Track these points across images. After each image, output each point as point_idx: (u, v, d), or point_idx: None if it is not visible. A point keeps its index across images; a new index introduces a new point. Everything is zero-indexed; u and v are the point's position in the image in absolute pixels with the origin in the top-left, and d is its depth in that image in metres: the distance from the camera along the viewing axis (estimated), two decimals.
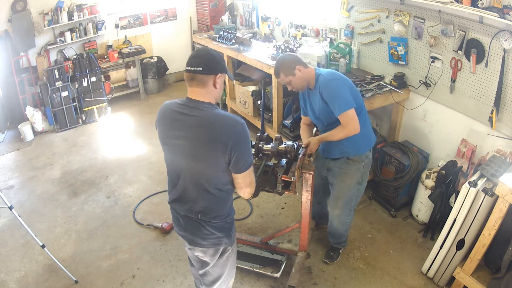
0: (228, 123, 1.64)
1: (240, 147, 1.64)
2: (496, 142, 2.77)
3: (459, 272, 2.51)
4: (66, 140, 5.00)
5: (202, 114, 1.65)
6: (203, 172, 1.71)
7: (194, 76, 1.65)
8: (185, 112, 1.67)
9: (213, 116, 1.65)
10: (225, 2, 6.00)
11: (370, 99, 3.13)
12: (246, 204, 3.59)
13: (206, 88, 1.67)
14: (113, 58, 5.64)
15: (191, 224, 1.82)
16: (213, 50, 1.73)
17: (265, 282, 2.77)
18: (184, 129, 1.68)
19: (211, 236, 1.82)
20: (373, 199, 3.58)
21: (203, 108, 1.66)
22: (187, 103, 1.69)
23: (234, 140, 1.62)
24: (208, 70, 1.65)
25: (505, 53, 2.55)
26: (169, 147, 1.77)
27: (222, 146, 1.62)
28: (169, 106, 1.75)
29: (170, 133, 1.73)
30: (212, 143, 1.63)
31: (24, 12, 4.94)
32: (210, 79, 1.66)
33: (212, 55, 1.70)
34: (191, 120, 1.66)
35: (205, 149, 1.65)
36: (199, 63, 1.64)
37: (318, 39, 4.24)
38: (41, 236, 3.11)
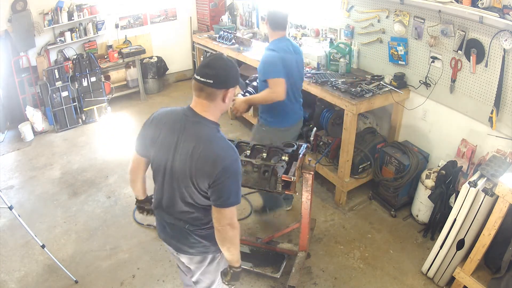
0: (222, 154, 1.55)
1: (226, 181, 1.55)
2: (496, 142, 2.77)
3: (459, 272, 2.51)
4: (66, 140, 4.99)
5: (203, 134, 1.58)
6: (190, 192, 1.64)
7: (203, 88, 1.55)
8: (186, 126, 1.60)
9: (211, 141, 1.57)
10: (225, 2, 5.99)
11: (370, 99, 3.13)
12: (246, 204, 3.59)
13: (214, 102, 1.58)
14: (113, 58, 5.64)
15: (178, 232, 1.77)
16: (228, 59, 1.62)
17: (265, 282, 2.77)
18: (180, 141, 1.60)
19: (198, 244, 1.78)
20: (373, 199, 3.58)
21: (206, 127, 1.59)
22: (190, 116, 1.61)
23: (221, 172, 1.53)
24: (219, 84, 1.55)
25: (505, 53, 2.55)
26: (159, 153, 1.67)
27: (209, 175, 1.54)
28: (168, 114, 1.68)
29: (164, 140, 1.64)
30: (202, 169, 1.55)
31: (24, 12, 4.94)
32: (220, 93, 1.57)
33: (226, 66, 1.57)
34: (190, 136, 1.58)
35: (192, 169, 1.57)
36: (211, 75, 1.53)
37: (318, 39, 4.24)
38: (41, 236, 3.11)
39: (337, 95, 3.19)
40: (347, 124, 3.15)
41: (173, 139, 1.61)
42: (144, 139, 1.73)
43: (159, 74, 6.25)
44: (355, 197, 3.63)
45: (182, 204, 1.69)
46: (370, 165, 3.50)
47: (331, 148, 3.61)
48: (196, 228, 1.74)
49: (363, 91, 3.18)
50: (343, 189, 3.43)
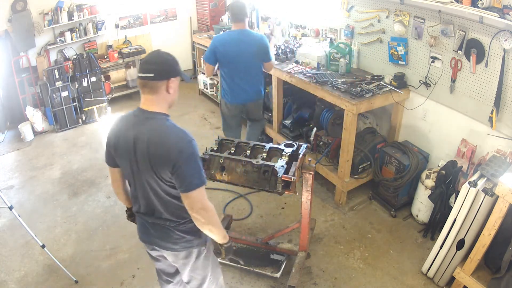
0: (174, 140, 1.60)
1: (184, 165, 1.59)
2: (496, 142, 2.77)
3: (459, 272, 2.51)
4: (66, 140, 5.00)
5: (154, 127, 1.63)
6: (158, 185, 1.69)
7: (146, 83, 1.62)
8: (137, 125, 1.65)
9: (162, 131, 1.62)
10: (225, 2, 5.99)
11: (370, 99, 3.13)
12: (246, 204, 3.60)
13: (158, 94, 1.64)
14: (113, 58, 5.64)
15: (160, 230, 1.81)
16: (165, 53, 1.70)
17: (265, 282, 2.77)
18: (136, 142, 1.64)
19: (182, 239, 1.81)
20: (373, 199, 3.58)
21: (155, 120, 1.64)
22: (139, 115, 1.67)
23: (177, 158, 1.57)
24: (159, 76, 1.62)
25: (505, 53, 2.55)
26: (122, 159, 1.74)
27: (167, 163, 1.59)
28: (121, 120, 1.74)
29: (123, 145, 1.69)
30: (159, 158, 1.60)
31: (24, 12, 4.94)
32: (162, 84, 1.63)
33: (164, 58, 1.66)
34: (143, 133, 1.62)
35: (152, 162, 1.62)
36: (150, 69, 1.61)
37: (318, 39, 4.24)
38: (41, 236, 3.11)
39: (337, 95, 3.19)
40: (347, 124, 3.15)
41: (130, 141, 1.65)
42: (109, 151, 1.79)
43: None
44: (355, 197, 3.64)
45: (157, 201, 1.74)
46: (370, 165, 3.50)
47: (331, 148, 3.61)
48: (177, 224, 1.78)
49: (363, 91, 3.18)
50: (343, 189, 3.43)
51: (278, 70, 3.87)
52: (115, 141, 1.72)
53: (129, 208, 2.09)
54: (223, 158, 2.44)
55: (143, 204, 1.80)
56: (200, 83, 6.01)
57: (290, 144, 2.54)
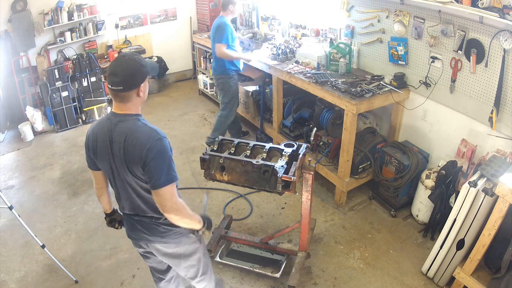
0: (144, 138, 1.63)
1: (152, 162, 1.62)
2: (496, 142, 2.77)
3: (459, 272, 2.51)
4: (66, 140, 5.00)
5: (126, 128, 1.66)
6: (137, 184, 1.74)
7: (117, 94, 1.63)
8: (112, 128, 1.68)
9: (134, 130, 1.66)
10: None
11: (370, 99, 3.13)
12: (246, 204, 3.60)
13: (130, 102, 1.67)
14: (113, 58, 5.63)
15: (147, 226, 1.86)
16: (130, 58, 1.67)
17: (265, 282, 2.77)
18: (112, 144, 1.68)
19: (169, 232, 1.87)
20: (373, 199, 3.58)
21: (128, 121, 1.68)
22: (112, 119, 1.70)
23: (146, 154, 1.61)
24: (129, 87, 1.62)
25: (505, 53, 2.55)
26: (102, 162, 1.78)
27: (138, 160, 1.63)
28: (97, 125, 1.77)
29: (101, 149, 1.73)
30: (132, 157, 1.64)
31: (24, 12, 4.94)
32: (133, 93, 1.65)
33: (130, 67, 1.63)
34: (117, 135, 1.67)
35: (127, 161, 1.66)
36: (119, 82, 1.60)
37: (318, 39, 4.25)
38: (41, 236, 3.11)
39: (337, 95, 3.19)
40: (347, 124, 3.16)
41: (106, 144, 1.70)
42: (88, 155, 1.84)
43: (159, 74, 6.25)
44: (355, 197, 3.64)
45: (138, 199, 1.79)
46: (370, 165, 3.50)
47: (331, 148, 3.61)
48: (161, 218, 1.82)
49: (363, 91, 3.18)
50: (343, 189, 3.43)
51: (278, 70, 3.87)
52: (93, 145, 1.77)
53: (108, 214, 2.14)
54: (223, 158, 2.44)
55: (127, 204, 1.85)
56: (200, 83, 6.01)
57: (290, 144, 2.54)
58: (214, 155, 2.48)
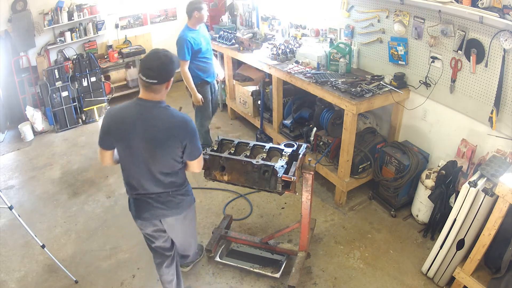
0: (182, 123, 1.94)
1: (191, 141, 1.97)
2: (496, 142, 2.77)
3: (459, 272, 2.51)
4: (66, 140, 5.00)
5: (159, 114, 1.91)
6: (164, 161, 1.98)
7: (150, 86, 1.85)
8: (143, 113, 1.89)
9: (170, 116, 1.93)
10: (225, 2, 5.99)
11: (370, 99, 3.13)
12: (246, 204, 3.60)
13: (160, 93, 1.91)
14: (113, 58, 5.64)
15: (163, 200, 2.10)
16: (164, 55, 1.87)
17: (265, 282, 2.77)
18: (145, 127, 1.88)
19: (182, 202, 2.17)
20: (373, 199, 3.58)
21: (159, 108, 1.91)
22: (143, 104, 1.90)
23: (185, 135, 1.94)
24: (162, 81, 1.86)
25: (505, 53, 2.55)
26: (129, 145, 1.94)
27: (179, 141, 1.93)
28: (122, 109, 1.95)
29: (132, 133, 1.90)
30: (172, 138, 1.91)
31: (24, 12, 4.94)
32: (163, 86, 1.89)
33: (165, 65, 1.85)
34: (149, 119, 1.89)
35: (164, 143, 1.91)
36: (154, 76, 1.82)
37: (318, 39, 4.25)
38: (41, 236, 3.11)
39: (337, 95, 3.19)
40: (347, 124, 3.16)
41: (135, 127, 1.89)
42: (106, 135, 1.98)
43: None
44: (355, 197, 3.64)
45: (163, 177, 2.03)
46: (370, 165, 3.50)
47: (331, 148, 3.61)
48: (176, 190, 2.12)
49: (363, 91, 3.18)
50: (343, 189, 3.43)
51: (278, 70, 3.87)
52: (117, 127, 1.93)
53: None
54: (223, 158, 2.44)
55: (143, 183, 2.04)
56: None
57: (290, 144, 2.54)
58: (214, 155, 2.48)
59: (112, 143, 1.99)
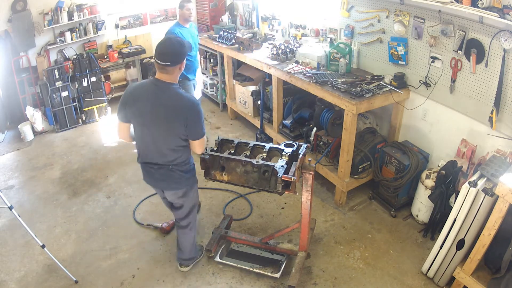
0: (188, 103, 2.17)
1: (194, 121, 2.18)
2: (496, 142, 2.77)
3: (459, 272, 2.51)
4: (66, 140, 5.00)
5: (170, 94, 2.17)
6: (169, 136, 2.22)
7: (164, 68, 2.13)
8: (156, 92, 2.16)
9: (179, 97, 2.18)
10: (225, 2, 6.00)
11: (370, 99, 3.13)
12: (246, 204, 3.60)
13: (173, 74, 2.19)
14: (113, 58, 5.64)
15: (165, 173, 2.35)
16: (176, 41, 2.19)
17: (265, 282, 2.77)
18: (159, 109, 2.15)
19: (182, 178, 2.38)
20: (373, 199, 3.58)
21: (171, 89, 2.17)
22: (158, 84, 2.17)
23: (190, 115, 2.16)
24: (175, 63, 2.14)
25: (505, 53, 2.55)
26: (145, 123, 2.22)
27: (183, 120, 2.15)
28: (139, 87, 2.24)
29: (147, 111, 2.17)
30: (177, 117, 2.15)
31: (24, 12, 4.94)
32: (176, 67, 2.17)
33: (177, 49, 2.15)
34: (161, 98, 2.15)
35: (172, 122, 2.17)
36: (167, 59, 2.11)
37: (318, 39, 4.25)
38: (41, 236, 3.11)
39: (337, 95, 3.19)
40: (347, 124, 3.16)
41: (149, 104, 2.16)
42: (123, 109, 2.26)
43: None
44: (355, 197, 3.64)
45: (163, 151, 2.27)
46: (370, 165, 3.50)
47: (331, 148, 3.61)
48: (178, 166, 2.34)
49: (363, 91, 3.18)
50: (343, 189, 3.43)
51: (278, 70, 3.87)
52: (133, 103, 2.21)
53: None
54: (223, 158, 2.44)
55: (150, 155, 2.33)
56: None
57: (290, 144, 2.54)
58: (214, 155, 2.48)
59: (127, 117, 2.26)
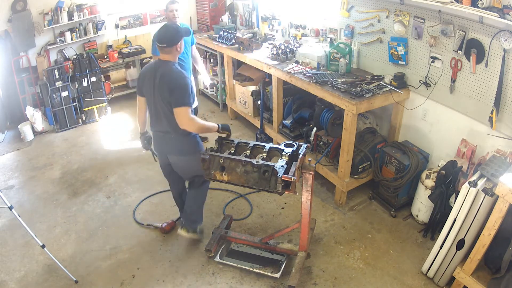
0: (175, 76, 2.51)
1: (176, 91, 2.45)
2: (496, 142, 2.77)
3: (459, 272, 2.51)
4: (66, 140, 5.00)
5: (166, 70, 2.53)
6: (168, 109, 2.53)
7: (162, 49, 2.53)
8: (158, 69, 2.54)
9: (170, 71, 2.52)
10: (225, 2, 5.99)
11: (370, 99, 3.13)
12: (246, 204, 3.60)
13: (171, 54, 2.55)
14: (113, 58, 5.64)
15: (169, 140, 2.68)
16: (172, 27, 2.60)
17: (265, 282, 2.77)
18: (157, 80, 2.51)
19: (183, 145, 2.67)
20: (373, 199, 3.58)
21: (168, 66, 2.54)
22: (159, 63, 2.58)
23: (174, 85, 2.46)
24: (171, 44, 2.51)
25: (505, 53, 2.55)
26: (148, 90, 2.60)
27: (169, 90, 2.47)
28: (147, 66, 2.66)
29: (151, 83, 2.55)
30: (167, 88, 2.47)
31: (24, 12, 4.94)
32: (173, 48, 2.53)
33: (171, 32, 2.53)
34: (160, 73, 2.52)
35: (164, 92, 2.49)
36: (164, 42, 2.50)
37: (318, 39, 4.25)
38: (41, 236, 3.11)
39: (337, 95, 3.19)
40: (347, 124, 3.16)
41: (151, 79, 2.56)
42: (139, 85, 2.71)
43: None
44: (355, 197, 3.64)
45: (165, 119, 2.60)
46: (370, 165, 3.50)
47: (331, 148, 3.61)
48: (178, 133, 2.61)
49: (363, 91, 3.18)
50: (343, 189, 3.43)
51: (278, 70, 3.87)
52: (143, 79, 2.64)
53: (141, 133, 2.99)
54: (223, 158, 2.44)
55: (158, 124, 2.68)
56: (200, 83, 6.01)
57: (290, 144, 2.54)
58: (214, 155, 2.48)
59: (142, 91, 2.68)
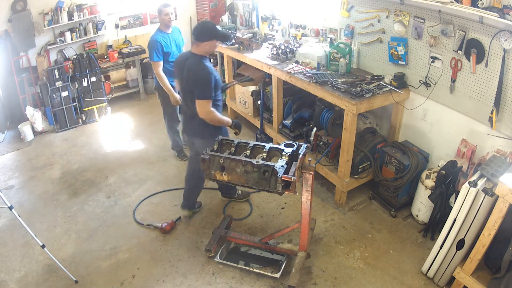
0: (200, 70, 2.72)
1: (199, 84, 2.70)
2: (496, 142, 2.77)
3: (459, 272, 2.51)
4: (66, 140, 5.00)
5: (192, 62, 2.76)
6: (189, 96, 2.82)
7: (194, 42, 2.80)
8: (186, 61, 2.80)
9: (197, 64, 2.75)
10: (225, 2, 5.99)
11: (370, 99, 3.13)
12: (246, 204, 3.60)
13: (199, 47, 2.78)
14: (113, 58, 5.64)
15: (190, 123, 3.00)
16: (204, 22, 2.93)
17: (265, 282, 2.77)
18: (185, 71, 2.78)
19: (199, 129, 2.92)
20: (373, 199, 3.58)
21: (196, 58, 2.78)
22: (189, 54, 2.84)
23: (197, 79, 2.71)
24: (199, 38, 2.76)
25: (505, 53, 2.55)
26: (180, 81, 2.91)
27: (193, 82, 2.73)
28: (180, 55, 3.03)
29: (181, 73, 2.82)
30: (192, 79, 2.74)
31: (24, 12, 4.94)
32: (201, 43, 2.75)
33: (202, 29, 2.80)
34: (188, 66, 2.77)
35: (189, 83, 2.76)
36: (194, 33, 2.79)
37: (318, 39, 4.24)
38: (41, 236, 3.11)
39: (337, 95, 3.19)
40: (347, 124, 3.16)
41: (181, 69, 2.83)
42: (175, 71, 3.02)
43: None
44: (355, 197, 3.64)
45: (190, 106, 2.85)
46: (370, 165, 3.50)
47: (331, 148, 3.61)
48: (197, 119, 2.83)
49: (363, 91, 3.18)
50: (343, 189, 3.43)
51: (278, 70, 3.87)
52: (177, 66, 2.94)
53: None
54: (223, 158, 2.44)
55: (186, 108, 2.98)
56: None
57: (290, 144, 2.54)
58: (214, 155, 2.48)
59: (177, 75, 2.96)
